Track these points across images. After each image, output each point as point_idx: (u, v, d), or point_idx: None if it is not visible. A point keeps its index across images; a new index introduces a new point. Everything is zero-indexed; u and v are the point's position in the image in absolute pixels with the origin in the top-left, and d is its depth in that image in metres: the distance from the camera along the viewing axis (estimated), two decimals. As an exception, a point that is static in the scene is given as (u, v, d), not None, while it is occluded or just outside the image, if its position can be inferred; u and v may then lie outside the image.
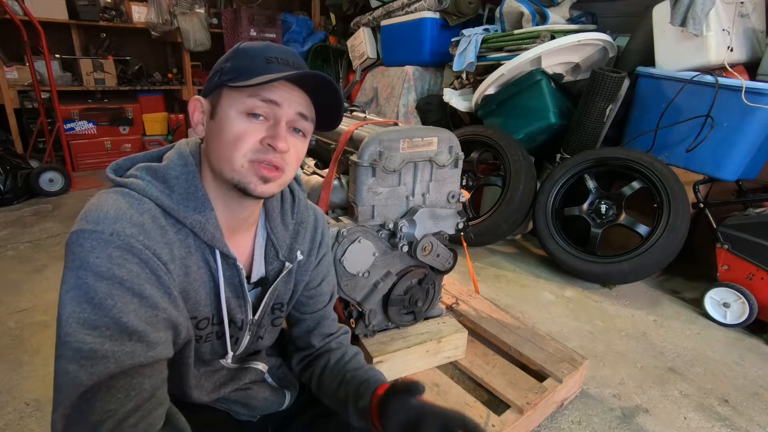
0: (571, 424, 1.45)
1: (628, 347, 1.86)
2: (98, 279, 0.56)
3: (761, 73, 2.11)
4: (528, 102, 2.63)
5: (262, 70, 0.65)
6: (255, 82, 0.62)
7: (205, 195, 0.69)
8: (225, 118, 0.66)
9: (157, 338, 0.60)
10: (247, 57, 0.67)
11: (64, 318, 0.55)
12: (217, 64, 0.70)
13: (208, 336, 0.76)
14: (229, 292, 0.74)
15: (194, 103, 0.71)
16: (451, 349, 1.52)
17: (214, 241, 0.69)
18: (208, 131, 0.69)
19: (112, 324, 0.56)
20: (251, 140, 0.65)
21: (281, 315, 0.87)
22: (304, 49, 4.31)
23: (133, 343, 0.58)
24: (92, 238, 0.58)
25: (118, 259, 0.58)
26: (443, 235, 1.45)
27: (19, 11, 3.14)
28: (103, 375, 0.55)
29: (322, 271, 0.90)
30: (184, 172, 0.68)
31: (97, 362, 0.55)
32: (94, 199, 0.63)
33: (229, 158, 0.65)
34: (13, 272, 2.21)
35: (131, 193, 0.64)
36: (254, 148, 0.65)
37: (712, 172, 2.20)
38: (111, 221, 0.59)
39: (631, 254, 2.14)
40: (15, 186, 3.07)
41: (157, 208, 0.65)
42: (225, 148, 0.65)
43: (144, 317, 0.59)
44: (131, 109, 4.00)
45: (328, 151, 1.48)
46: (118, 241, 0.58)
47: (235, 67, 0.66)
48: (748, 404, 1.58)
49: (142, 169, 0.68)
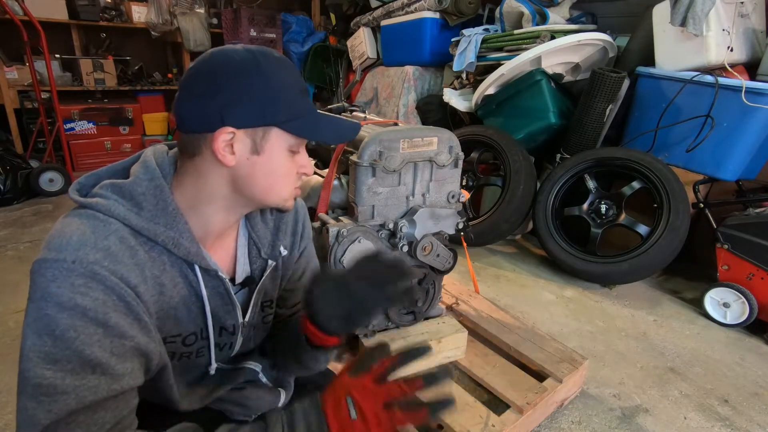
0: (571, 424, 1.45)
1: (628, 347, 1.86)
2: (60, 310, 0.54)
3: (761, 73, 2.11)
4: (528, 102, 2.62)
5: (304, 108, 0.69)
6: (320, 139, 0.71)
7: (176, 209, 0.66)
8: (276, 156, 0.68)
9: (122, 369, 0.58)
10: (281, 89, 0.66)
11: (25, 352, 0.54)
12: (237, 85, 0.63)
13: (201, 351, 0.74)
14: (215, 302, 0.73)
15: (227, 136, 0.63)
16: (451, 349, 1.52)
17: (190, 256, 0.67)
18: (249, 164, 0.66)
19: (74, 357, 0.54)
20: (295, 173, 0.72)
21: (271, 312, 0.86)
22: (304, 49, 4.31)
23: (96, 377, 0.55)
24: (54, 267, 0.55)
25: (80, 288, 0.55)
26: (443, 235, 1.45)
27: (19, 11, 3.13)
28: (63, 412, 0.53)
29: (302, 264, 0.89)
30: (151, 186, 0.65)
31: (57, 398, 0.53)
32: (58, 225, 0.61)
33: (279, 191, 0.70)
34: (13, 272, 2.21)
35: (95, 215, 0.61)
36: (296, 179, 0.73)
37: (712, 172, 2.20)
38: (73, 248, 0.57)
39: (631, 254, 2.14)
40: (15, 186, 3.07)
41: (126, 228, 0.62)
42: (276, 182, 0.69)
43: (109, 348, 0.57)
44: (131, 109, 4.00)
45: (328, 151, 1.48)
46: (81, 269, 0.56)
47: (285, 107, 0.66)
48: (748, 404, 1.58)
49: (106, 187, 0.65)
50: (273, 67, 0.65)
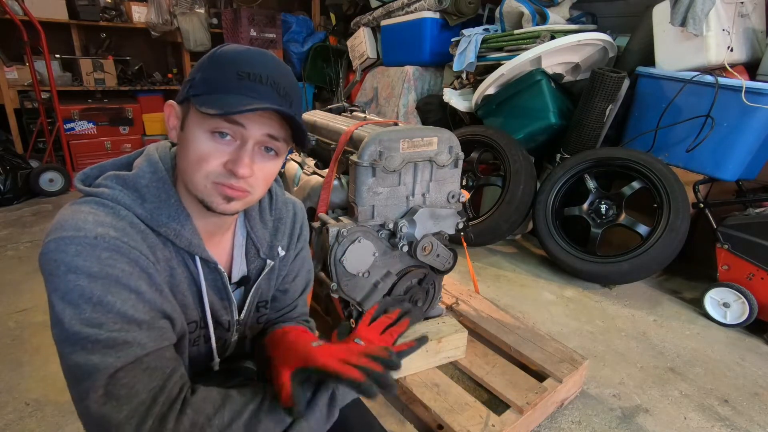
0: (571, 424, 1.45)
1: (628, 347, 1.86)
2: (92, 280, 0.55)
3: (761, 73, 2.11)
4: (528, 102, 2.62)
5: (232, 88, 0.61)
6: (213, 113, 0.59)
7: (178, 201, 0.67)
8: (191, 135, 0.63)
9: (163, 324, 0.61)
10: (218, 69, 0.62)
11: (67, 321, 0.54)
12: (192, 70, 0.66)
13: (197, 340, 0.76)
14: (212, 295, 0.74)
15: (168, 109, 0.68)
16: (451, 349, 1.52)
17: (192, 248, 0.68)
18: (179, 140, 0.67)
19: (118, 318, 0.56)
20: (214, 163, 0.62)
21: (266, 312, 0.87)
22: (304, 49, 4.31)
23: (144, 331, 0.58)
24: (75, 242, 0.56)
25: (108, 260, 0.57)
26: (443, 235, 1.45)
27: (19, 11, 3.14)
28: (131, 357, 0.56)
29: (297, 266, 0.89)
30: (154, 179, 0.67)
31: (121, 347, 0.55)
32: (66, 211, 0.61)
33: (191, 177, 0.64)
34: (13, 272, 2.21)
35: (104, 202, 0.63)
36: (216, 172, 0.63)
37: (712, 172, 2.20)
38: (92, 226, 0.58)
39: (631, 254, 2.14)
40: (15, 186, 3.07)
41: (133, 215, 0.64)
42: (189, 166, 0.64)
43: (143, 310, 0.59)
44: (131, 109, 4.00)
45: (328, 151, 1.48)
46: (104, 243, 0.57)
47: (204, 79, 0.62)
48: (748, 404, 1.58)
49: (110, 179, 0.66)
50: (226, 54, 0.64)
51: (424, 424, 1.36)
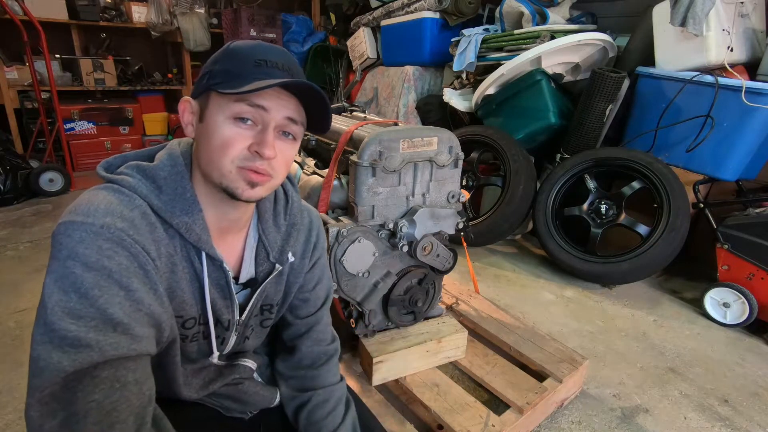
0: (571, 424, 1.45)
1: (628, 347, 1.86)
2: (87, 269, 0.56)
3: (761, 73, 2.11)
4: (528, 102, 2.63)
5: (251, 74, 0.65)
6: (241, 90, 0.62)
7: (193, 196, 0.69)
8: (213, 123, 0.66)
9: (141, 332, 0.60)
10: (236, 59, 0.66)
11: (50, 306, 0.55)
12: (207, 65, 0.69)
13: (195, 336, 0.76)
14: (215, 292, 0.74)
15: (184, 105, 0.71)
16: (451, 349, 1.52)
17: (200, 243, 0.69)
18: (197, 134, 0.70)
19: (97, 314, 0.56)
20: (239, 146, 0.65)
21: (270, 317, 0.87)
22: (304, 49, 4.31)
23: (117, 335, 0.57)
24: (82, 229, 0.58)
25: (107, 251, 0.58)
26: (443, 235, 1.45)
27: (19, 11, 3.14)
28: (86, 363, 0.55)
29: (317, 275, 0.90)
30: (173, 173, 0.69)
31: (81, 350, 0.54)
32: (85, 195, 0.64)
33: (217, 163, 0.66)
34: (13, 272, 2.21)
35: (121, 189, 0.65)
36: (242, 155, 0.66)
37: (712, 172, 2.20)
38: (101, 214, 0.59)
39: (631, 254, 2.14)
40: (15, 186, 3.07)
41: (147, 206, 0.65)
42: (213, 153, 0.66)
43: (128, 310, 0.59)
44: (131, 109, 4.00)
45: (328, 151, 1.48)
46: (108, 234, 0.58)
47: (223, 70, 0.66)
48: (748, 404, 1.58)
49: (132, 168, 0.68)
50: (241, 46, 0.68)
51: (424, 424, 1.36)
